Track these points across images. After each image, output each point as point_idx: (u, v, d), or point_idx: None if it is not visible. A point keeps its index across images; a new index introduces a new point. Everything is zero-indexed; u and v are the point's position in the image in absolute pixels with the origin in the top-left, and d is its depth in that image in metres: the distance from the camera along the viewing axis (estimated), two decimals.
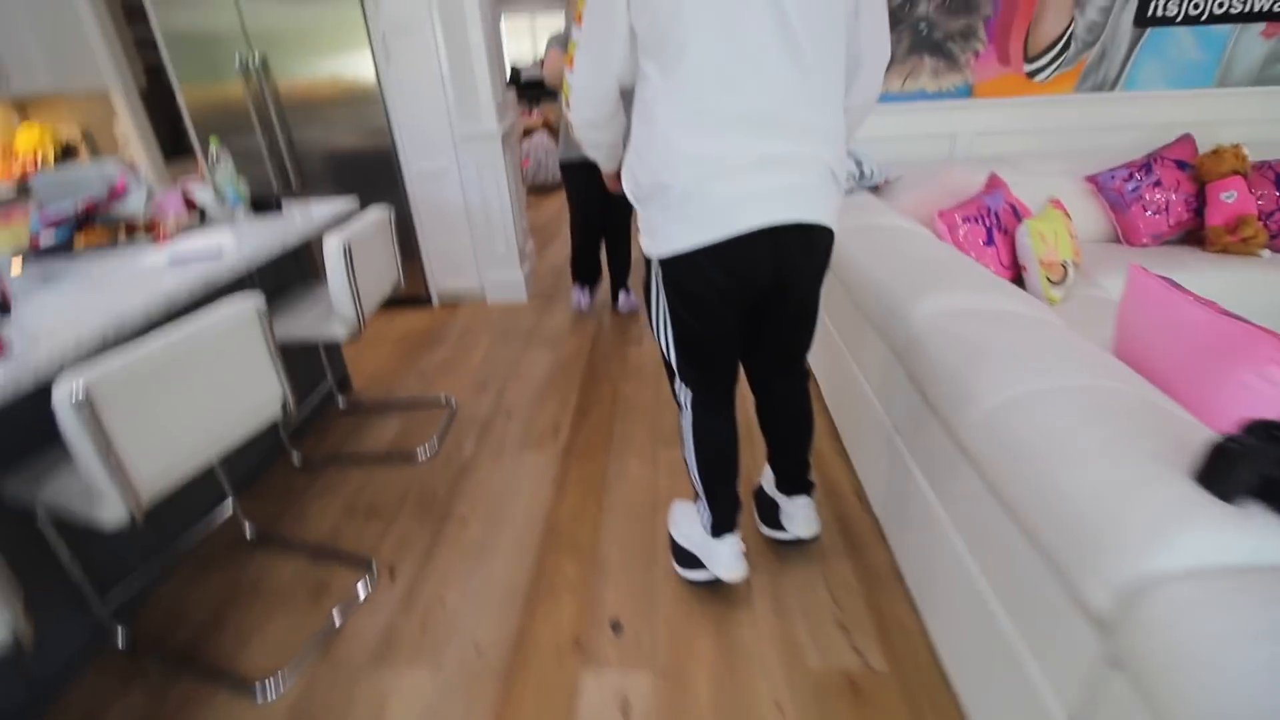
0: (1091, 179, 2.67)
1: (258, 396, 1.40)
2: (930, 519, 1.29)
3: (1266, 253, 2.39)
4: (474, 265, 3.42)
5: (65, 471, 1.24)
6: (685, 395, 1.38)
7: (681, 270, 1.18)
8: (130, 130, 3.69)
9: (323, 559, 1.73)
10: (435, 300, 3.50)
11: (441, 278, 3.46)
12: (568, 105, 1.25)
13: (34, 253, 1.78)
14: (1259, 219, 2.37)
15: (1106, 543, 0.77)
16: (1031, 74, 2.91)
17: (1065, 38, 2.84)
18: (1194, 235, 2.56)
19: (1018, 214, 2.22)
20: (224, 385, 1.30)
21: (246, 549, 1.78)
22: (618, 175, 1.39)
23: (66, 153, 3.80)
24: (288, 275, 2.28)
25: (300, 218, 2.07)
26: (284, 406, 1.46)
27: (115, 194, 1.94)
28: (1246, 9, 2.75)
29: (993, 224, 2.15)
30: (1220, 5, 2.75)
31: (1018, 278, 2.18)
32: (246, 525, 1.85)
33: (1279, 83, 2.88)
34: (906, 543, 1.48)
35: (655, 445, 2.12)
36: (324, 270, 1.82)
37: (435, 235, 3.34)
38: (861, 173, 2.49)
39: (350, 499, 1.97)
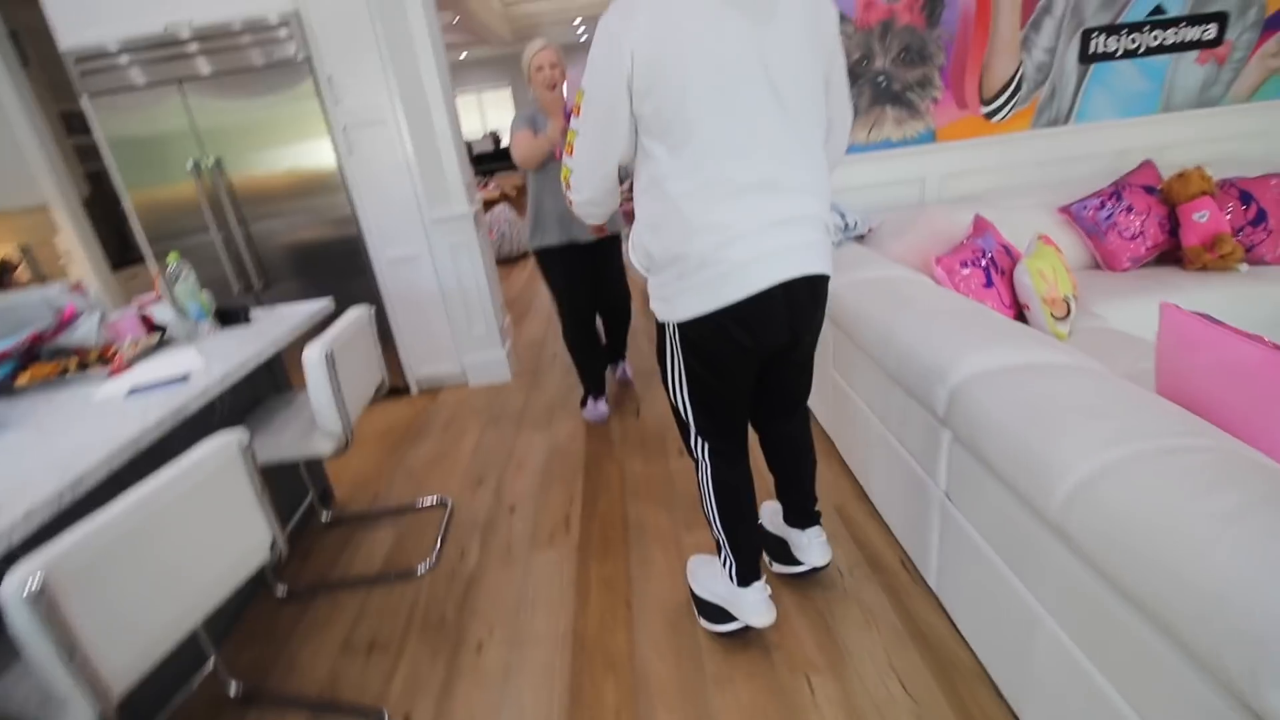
0: (1064, 210, 2.72)
1: (243, 543, 1.22)
2: (1013, 602, 1.17)
3: (1244, 266, 2.44)
4: (453, 349, 3.28)
5: (15, 673, 1.03)
6: (703, 449, 1.43)
7: (701, 332, 1.25)
8: (73, 242, 3.51)
9: (324, 714, 1.51)
10: (414, 389, 3.34)
11: (419, 365, 3.30)
12: (568, 188, 1.31)
13: None
14: (1233, 235, 2.43)
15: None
16: (989, 115, 3.00)
17: (1016, 79, 2.95)
18: (1170, 255, 2.61)
19: (1010, 254, 2.21)
20: (205, 539, 1.12)
21: (233, 711, 1.55)
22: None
23: (3, 272, 3.58)
24: (260, 387, 2.11)
25: (273, 326, 1.92)
26: (273, 547, 1.29)
27: (63, 322, 1.77)
28: (1179, 40, 2.91)
29: (989, 266, 2.13)
30: (1154, 39, 2.90)
31: (1019, 317, 2.15)
32: (230, 682, 1.62)
33: (1216, 104, 3.03)
34: (982, 628, 1.35)
35: (677, 529, 1.98)
36: (301, 377, 1.67)
37: (410, 322, 3.20)
38: (846, 224, 2.48)
39: (347, 632, 1.76)
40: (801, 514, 1.63)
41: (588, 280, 2.56)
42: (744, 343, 1.24)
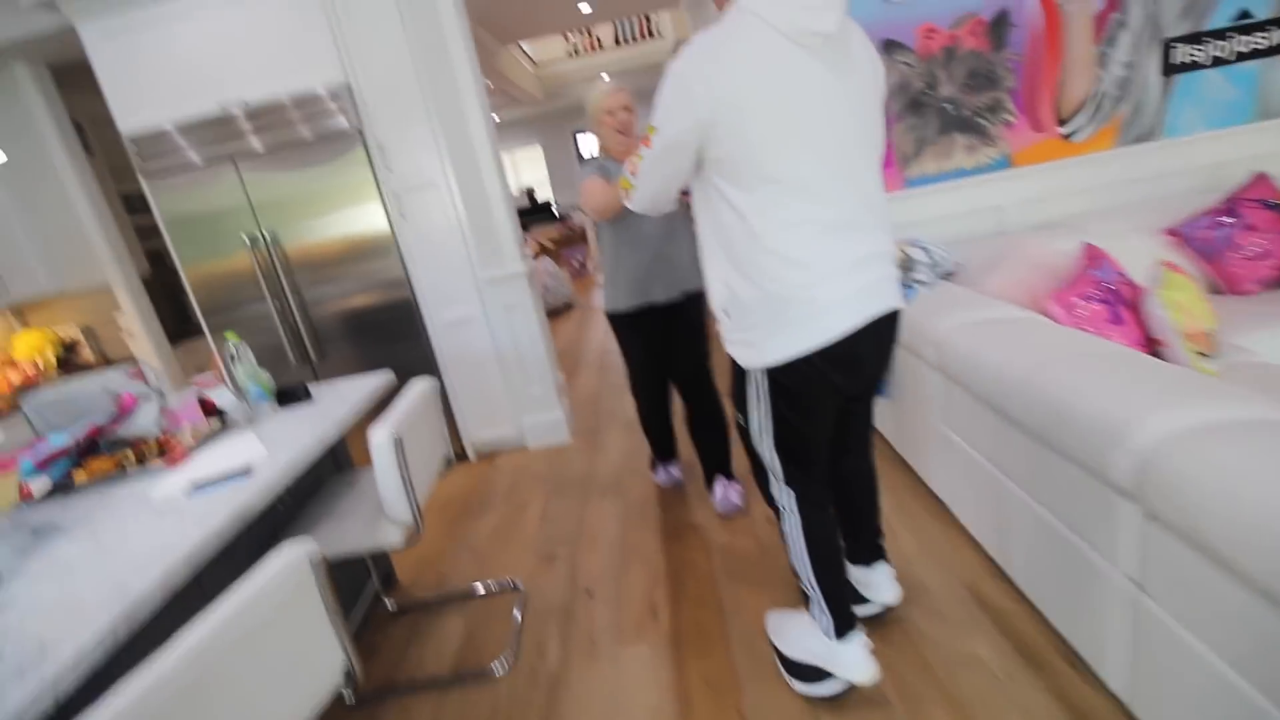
0: (1172, 231, 2.48)
1: (314, 672, 1.06)
2: None
3: None
4: (510, 412, 3.15)
5: None
6: (789, 497, 1.39)
7: (793, 375, 1.25)
8: (134, 321, 3.53)
9: None
10: (472, 455, 3.20)
11: (476, 430, 3.17)
12: (629, 199, 1.39)
13: (25, 502, 1.49)
14: None
15: None
16: (1068, 135, 2.81)
17: (1095, 96, 2.76)
18: None
19: (1132, 284, 1.99)
20: (270, 675, 0.96)
21: None
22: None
23: (68, 353, 3.62)
24: (321, 467, 1.99)
25: (335, 405, 1.80)
26: (349, 676, 1.12)
27: (122, 411, 1.68)
28: (1271, 45, 2.69)
29: (1112, 299, 1.91)
30: (1244, 45, 2.70)
31: (1153, 355, 1.91)
32: None
33: None
34: None
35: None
36: (363, 453, 1.53)
37: (466, 386, 3.09)
38: (933, 260, 2.29)
39: None
40: (871, 550, 1.60)
41: (663, 346, 2.21)
42: (837, 382, 1.27)
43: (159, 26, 2.61)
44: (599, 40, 9.08)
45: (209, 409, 1.75)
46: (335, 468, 2.07)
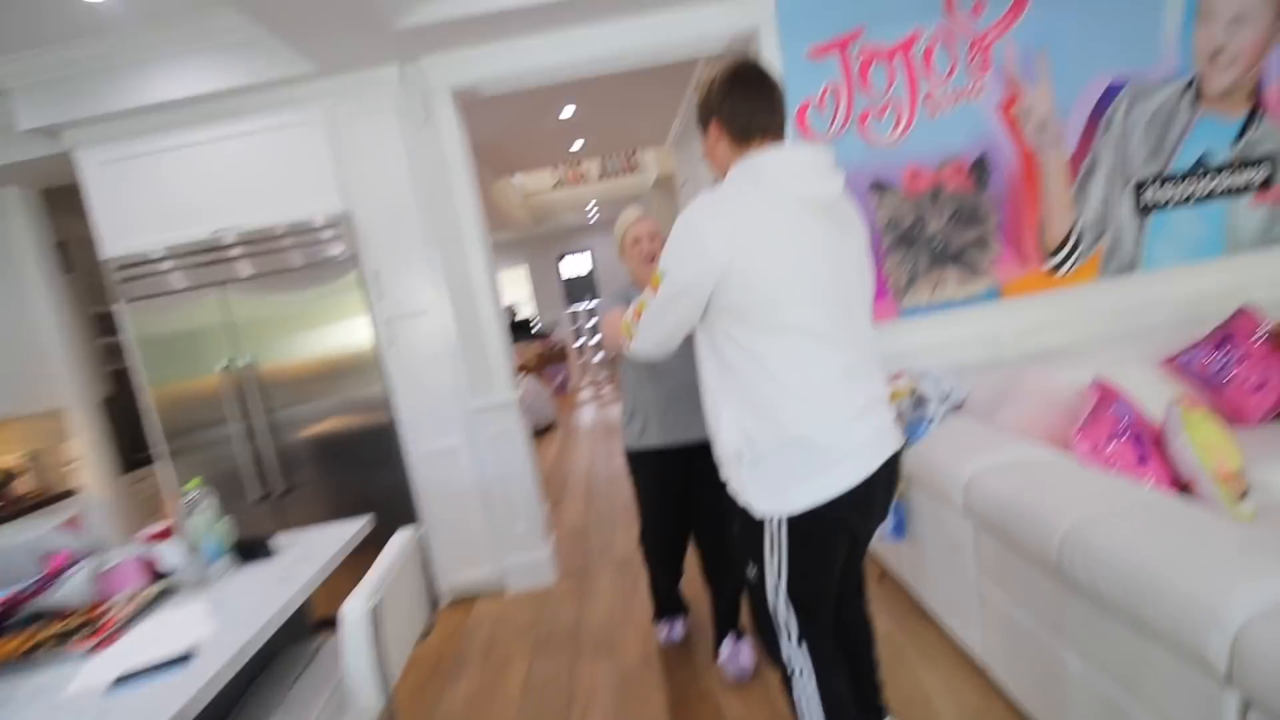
0: (1171, 361, 2.47)
1: None
2: None
3: None
4: (491, 551, 2.89)
5: None
6: (802, 656, 1.32)
7: (814, 523, 1.22)
8: (85, 447, 3.27)
9: None
10: (445, 600, 2.89)
11: (452, 572, 2.89)
12: (630, 339, 1.35)
13: None
14: None
15: None
16: (1054, 269, 2.88)
17: (1075, 233, 2.87)
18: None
19: (1151, 423, 1.92)
20: None
21: None
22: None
23: (3, 485, 3.31)
24: (276, 634, 1.72)
25: (300, 563, 1.58)
26: None
27: (50, 576, 1.44)
28: (1230, 186, 2.86)
29: (1137, 439, 1.83)
30: (1206, 188, 2.86)
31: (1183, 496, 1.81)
32: None
33: None
34: None
35: None
36: (328, 608, 1.30)
37: (445, 522, 2.85)
38: (944, 393, 2.22)
39: None
40: (873, 708, 1.51)
41: (683, 488, 2.05)
42: (855, 529, 1.28)
43: (160, 157, 2.61)
44: (584, 173, 9.62)
45: (152, 573, 1.52)
46: (292, 635, 1.80)
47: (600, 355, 8.75)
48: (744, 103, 1.25)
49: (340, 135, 2.64)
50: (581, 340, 8.88)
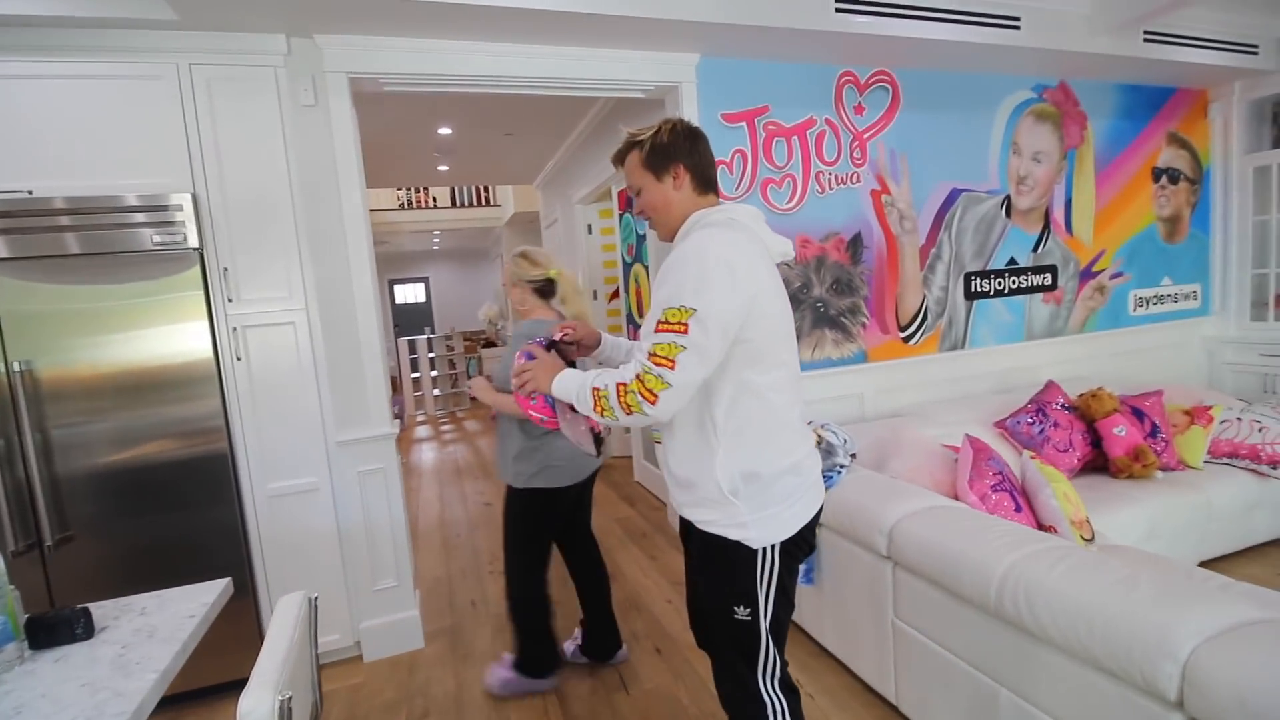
0: (1000, 424, 2.91)
1: None
2: None
3: (1160, 474, 2.72)
4: (346, 611, 2.43)
5: None
6: (774, 690, 1.33)
7: (799, 543, 1.30)
8: None
9: None
10: None
11: None
12: (652, 401, 1.15)
13: None
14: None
15: None
16: (906, 339, 3.29)
17: (922, 310, 3.31)
18: (1093, 465, 2.85)
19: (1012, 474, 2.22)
20: None
21: None
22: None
23: None
24: None
25: (146, 640, 1.16)
26: None
27: None
28: (1028, 285, 3.54)
29: (1011, 489, 2.10)
30: (1013, 284, 3.51)
31: None
32: None
33: (1061, 334, 3.66)
34: None
35: None
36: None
37: (288, 578, 2.34)
38: (843, 441, 2.37)
39: None
40: None
41: (565, 525, 2.25)
42: (810, 550, 1.35)
43: None
44: (434, 199, 9.15)
45: None
46: None
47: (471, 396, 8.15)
48: (709, 155, 1.34)
49: (201, 102, 2.18)
50: (419, 373, 8.20)
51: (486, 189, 9.07)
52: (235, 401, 2.28)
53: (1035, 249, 3.55)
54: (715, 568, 1.31)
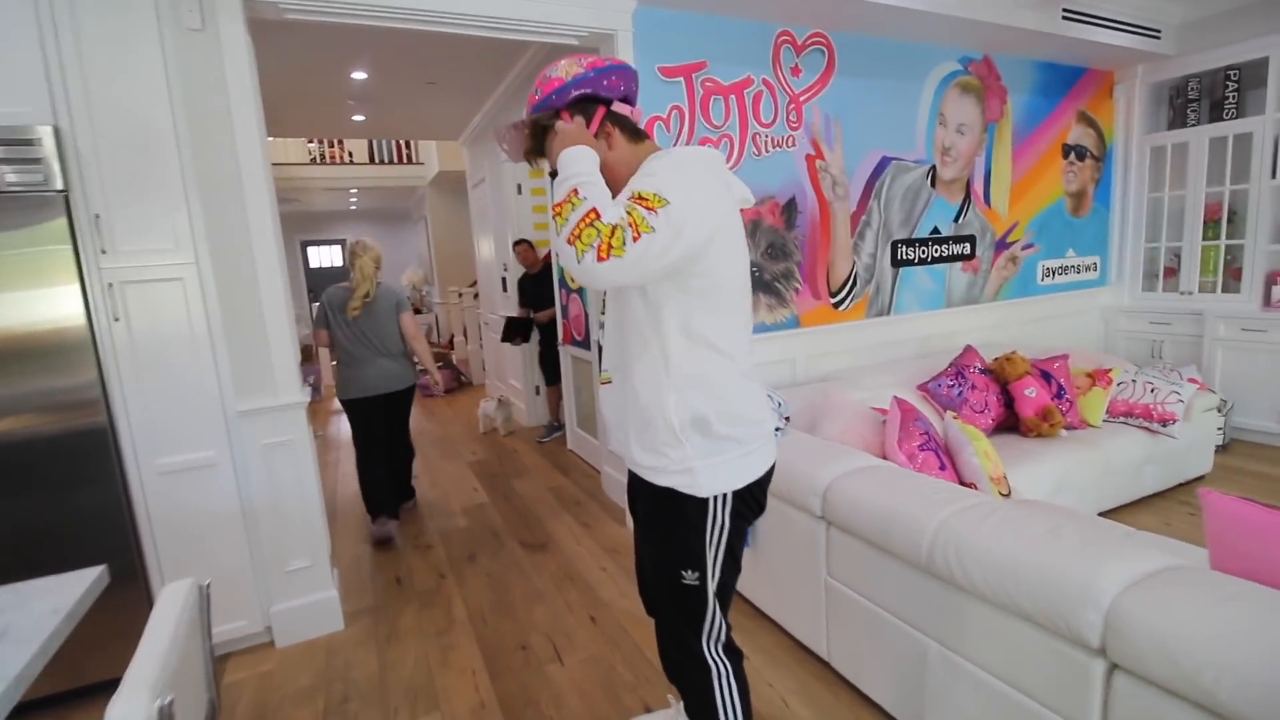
0: (923, 387, 3.01)
1: None
2: None
3: (1065, 432, 2.90)
4: (254, 595, 2.25)
5: None
6: (719, 654, 1.32)
7: (749, 498, 1.24)
8: None
9: None
10: None
11: None
12: (602, 258, 0.99)
13: None
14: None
15: None
16: (836, 305, 3.33)
17: (852, 277, 3.36)
18: (1005, 425, 3.01)
19: (937, 434, 2.29)
20: None
21: None
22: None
23: None
24: None
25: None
26: None
27: None
28: (949, 254, 3.66)
29: (936, 448, 2.16)
30: (935, 252, 3.61)
31: None
32: None
33: (977, 302, 3.82)
34: None
35: None
36: None
37: (185, 561, 2.13)
38: (778, 405, 2.37)
39: None
40: None
41: (386, 425, 3.24)
42: (759, 512, 1.30)
43: None
44: (350, 154, 8.53)
45: None
46: None
47: None
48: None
49: (62, 20, 1.86)
50: None
51: (408, 145, 8.53)
52: (114, 369, 2.02)
53: (956, 219, 3.66)
54: (663, 528, 1.26)
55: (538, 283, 4.44)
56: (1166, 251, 4.19)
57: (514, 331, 4.58)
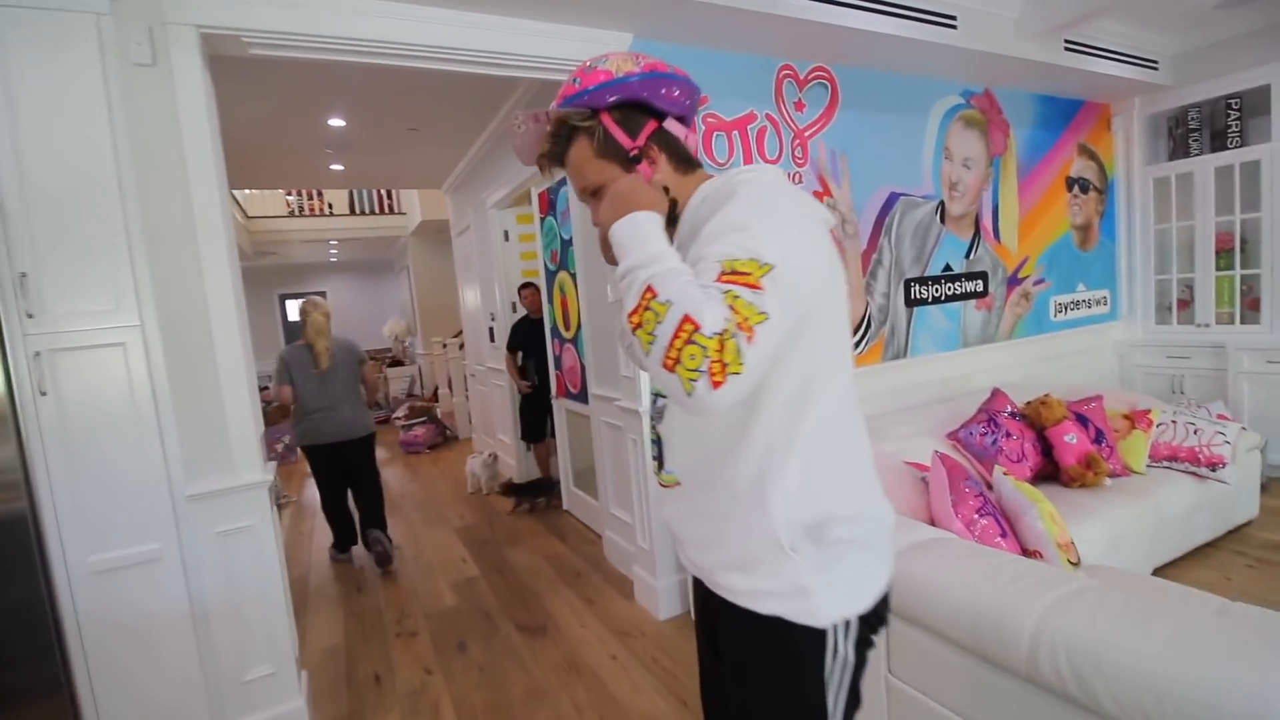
0: (953, 435, 2.77)
1: None
2: None
3: (1109, 481, 2.66)
4: (205, 713, 1.90)
5: None
6: None
7: (878, 619, 0.95)
8: None
9: None
10: None
11: None
12: (717, 383, 0.72)
13: None
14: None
15: None
16: (853, 348, 3.11)
17: (866, 318, 3.16)
18: (1043, 474, 2.77)
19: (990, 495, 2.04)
20: None
21: None
22: None
23: None
24: None
25: None
26: None
27: None
28: (962, 291, 3.49)
29: (995, 512, 1.90)
30: (949, 290, 3.44)
31: None
32: None
33: (993, 341, 3.64)
34: None
35: None
36: None
37: (124, 673, 1.78)
38: None
39: None
40: None
41: (344, 470, 3.48)
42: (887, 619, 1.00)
43: None
44: (330, 205, 8.36)
45: None
46: None
47: None
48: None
49: None
50: None
51: (389, 194, 8.38)
52: (39, 449, 1.72)
53: (967, 255, 3.51)
54: (763, 670, 0.92)
55: (539, 328, 4.18)
56: (1179, 283, 4.07)
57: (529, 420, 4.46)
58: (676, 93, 0.97)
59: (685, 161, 0.99)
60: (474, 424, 6.40)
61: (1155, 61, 3.68)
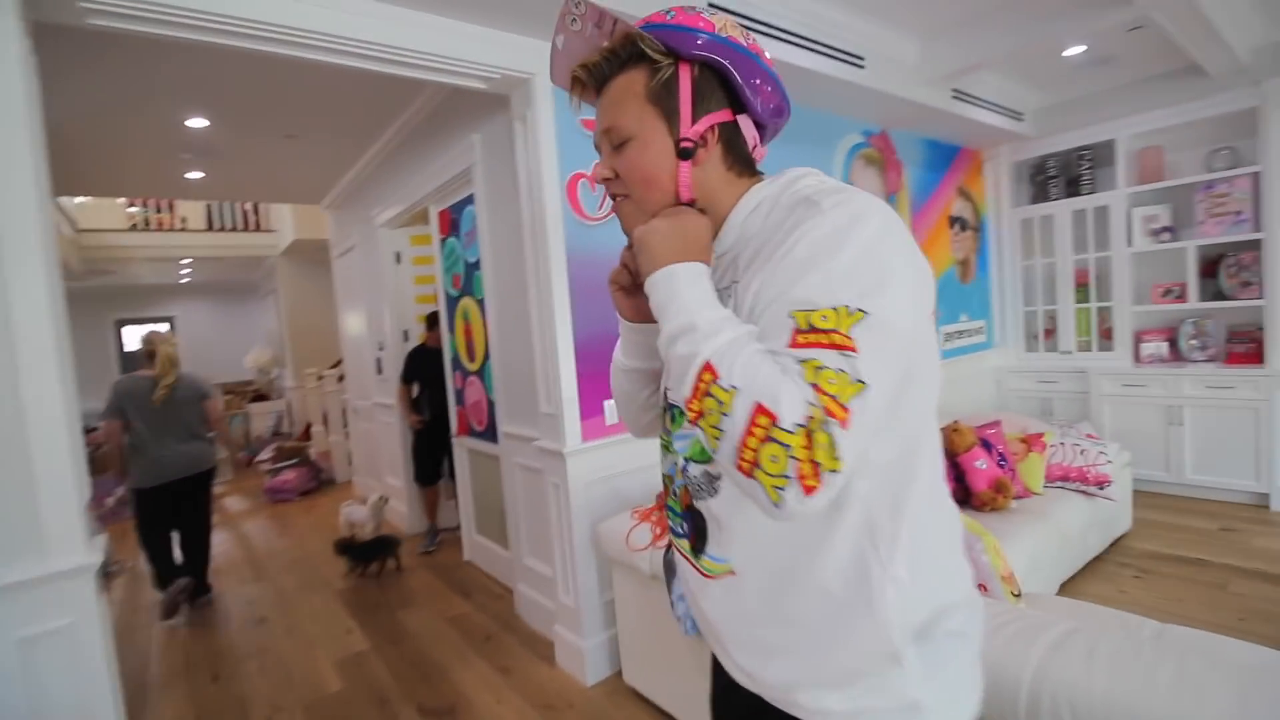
0: None
1: None
2: None
3: (1014, 504, 2.78)
4: None
5: None
6: None
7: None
8: None
9: None
10: None
11: None
12: (810, 489, 0.57)
13: None
14: None
15: None
16: None
17: None
18: (955, 500, 2.84)
19: None
20: None
21: None
22: None
23: None
24: None
25: None
26: None
27: None
28: None
29: None
30: None
31: None
32: None
33: None
34: None
35: None
36: None
37: None
38: None
39: None
40: None
41: (173, 509, 3.28)
42: None
43: None
44: (184, 219, 7.38)
45: None
46: None
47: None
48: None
49: None
50: None
51: (256, 209, 7.54)
52: None
53: None
54: None
55: (437, 358, 3.78)
56: (1044, 314, 4.48)
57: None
58: (769, 90, 0.79)
59: (743, 165, 0.81)
60: (354, 465, 5.78)
61: (1021, 113, 4.06)
